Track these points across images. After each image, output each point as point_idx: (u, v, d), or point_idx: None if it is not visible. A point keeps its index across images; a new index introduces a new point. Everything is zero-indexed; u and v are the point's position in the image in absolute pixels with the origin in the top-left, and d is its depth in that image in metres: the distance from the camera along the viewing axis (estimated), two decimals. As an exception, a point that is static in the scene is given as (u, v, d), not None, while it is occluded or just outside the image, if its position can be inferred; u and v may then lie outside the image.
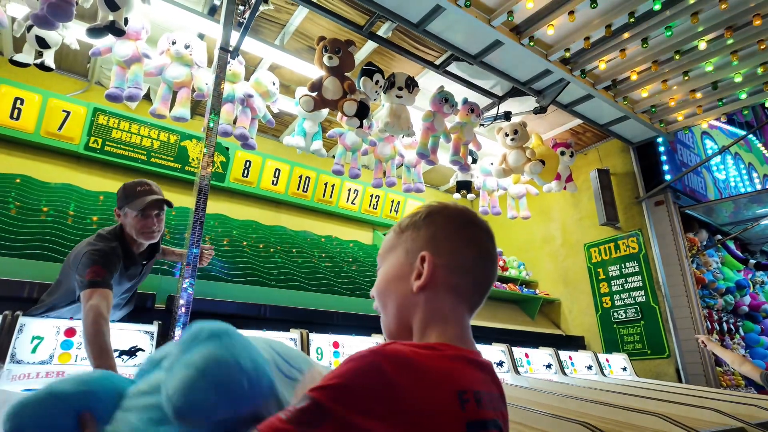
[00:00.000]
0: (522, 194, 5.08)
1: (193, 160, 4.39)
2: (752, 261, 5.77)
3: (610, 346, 4.93)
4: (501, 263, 5.96)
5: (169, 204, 2.14)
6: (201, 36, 3.50)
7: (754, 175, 7.69)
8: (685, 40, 3.29)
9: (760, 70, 3.55)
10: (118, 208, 2.10)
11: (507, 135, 4.43)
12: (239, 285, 3.18)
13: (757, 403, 2.40)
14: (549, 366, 3.51)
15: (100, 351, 1.57)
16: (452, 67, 4.05)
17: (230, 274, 3.42)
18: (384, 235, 5.77)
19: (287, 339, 2.30)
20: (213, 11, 3.46)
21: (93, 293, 1.71)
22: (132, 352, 1.98)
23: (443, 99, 3.94)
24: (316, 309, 3.12)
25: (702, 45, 3.28)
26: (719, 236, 5.79)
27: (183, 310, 2.20)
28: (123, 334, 2.00)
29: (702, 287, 5.18)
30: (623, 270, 5.02)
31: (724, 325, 5.47)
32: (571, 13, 3.01)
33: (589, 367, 3.83)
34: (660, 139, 4.96)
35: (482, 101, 4.46)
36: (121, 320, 2.12)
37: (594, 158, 5.54)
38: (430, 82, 4.19)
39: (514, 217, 5.09)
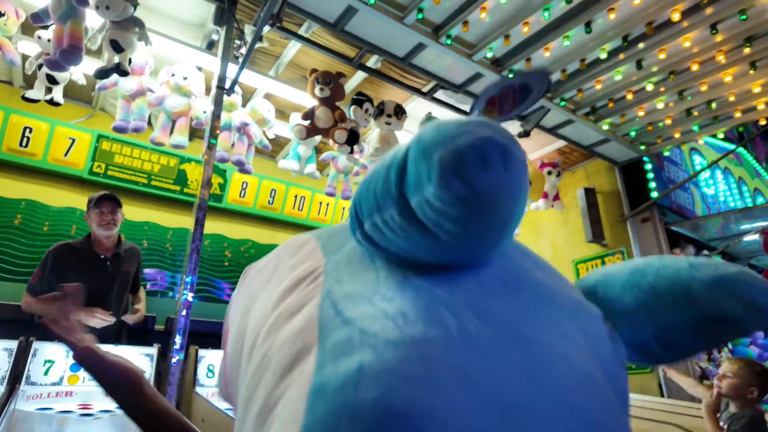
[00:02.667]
0: (511, 212, 5.25)
1: (192, 182, 4.58)
2: (737, 276, 5.89)
3: (597, 361, 5.05)
4: (492, 278, 6.11)
5: (117, 199, 2.63)
6: (200, 68, 3.71)
7: (744, 189, 7.80)
8: (656, 71, 3.48)
9: (731, 98, 3.74)
10: (86, 214, 2.62)
11: (494, 157, 4.61)
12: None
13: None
14: (532, 381, 3.64)
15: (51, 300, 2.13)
16: (439, 94, 4.24)
17: (228, 294, 3.59)
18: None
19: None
20: (211, 45, 3.67)
21: (26, 294, 2.41)
22: (133, 374, 2.15)
23: (431, 124, 4.13)
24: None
25: (672, 76, 3.48)
26: (706, 252, 5.92)
27: (180, 332, 2.37)
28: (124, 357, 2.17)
29: (689, 302, 5.32)
30: (609, 286, 5.15)
31: (712, 338, 5.60)
32: (546, 49, 3.21)
33: (573, 382, 3.96)
34: (646, 157, 5.12)
35: (470, 125, 4.64)
36: (123, 343, 2.28)
37: (582, 176, 5.71)
38: (419, 107, 4.39)
39: (504, 234, 5.25)
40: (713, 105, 3.85)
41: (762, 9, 2.86)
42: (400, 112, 3.96)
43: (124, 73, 2.81)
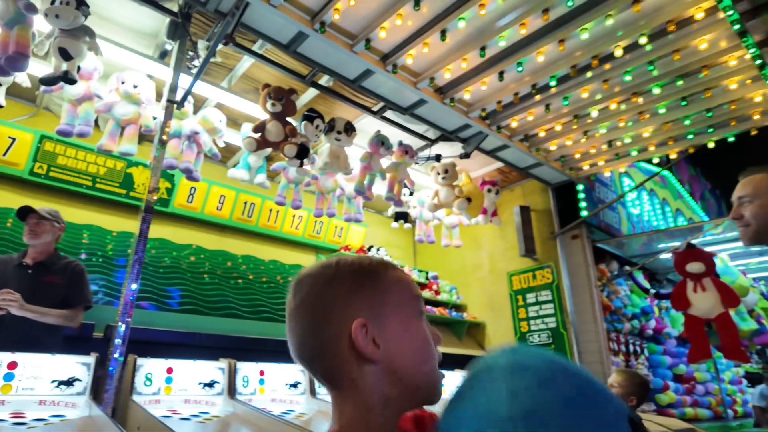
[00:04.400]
0: (455, 224, 5.55)
1: (138, 185, 4.55)
2: (653, 291, 6.47)
3: (526, 367, 5.42)
4: (435, 287, 6.41)
5: (30, 209, 2.81)
6: (151, 76, 3.73)
7: (667, 209, 8.53)
8: (581, 107, 3.86)
9: (645, 134, 4.18)
10: None
11: (439, 173, 4.89)
12: (178, 314, 3.40)
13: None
14: (462, 388, 3.90)
15: None
16: (389, 113, 4.45)
17: (172, 301, 3.63)
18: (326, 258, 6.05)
19: (215, 368, 2.58)
20: (164, 55, 3.71)
21: None
22: (69, 383, 2.20)
23: (380, 142, 4.35)
24: (249, 336, 3.38)
25: (594, 113, 3.87)
26: (628, 267, 6.47)
27: (120, 341, 2.43)
28: (61, 365, 2.22)
29: (611, 313, 5.80)
30: (539, 298, 5.57)
31: (631, 346, 6.12)
32: (483, 82, 3.50)
33: (500, 388, 4.27)
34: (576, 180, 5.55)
35: (417, 143, 4.90)
36: (57, 351, 2.31)
37: (519, 194, 6.10)
38: (368, 124, 4.58)
39: (448, 245, 5.54)
40: (630, 138, 4.30)
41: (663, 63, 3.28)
42: (349, 129, 4.14)
43: (71, 82, 2.82)
